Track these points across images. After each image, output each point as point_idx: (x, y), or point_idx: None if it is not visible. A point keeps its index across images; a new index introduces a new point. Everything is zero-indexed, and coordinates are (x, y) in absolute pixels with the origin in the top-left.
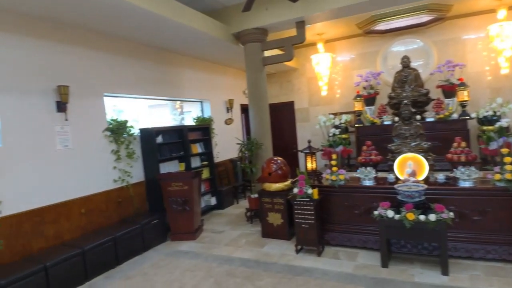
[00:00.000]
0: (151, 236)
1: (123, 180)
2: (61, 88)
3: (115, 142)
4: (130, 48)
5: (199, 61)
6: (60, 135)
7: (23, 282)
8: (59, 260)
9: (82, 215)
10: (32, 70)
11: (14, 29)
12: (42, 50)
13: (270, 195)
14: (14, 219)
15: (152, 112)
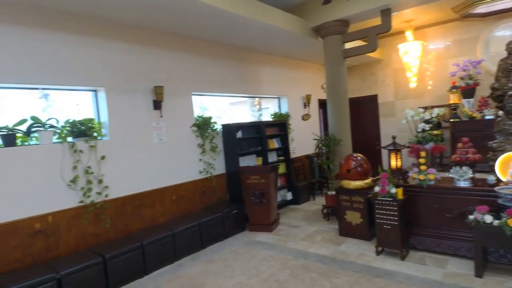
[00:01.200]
0: (231, 225)
1: (207, 172)
2: (157, 88)
3: (201, 136)
4: (215, 50)
5: (277, 58)
6: (156, 130)
7: (125, 257)
8: (154, 240)
9: (173, 201)
10: (135, 73)
11: (124, 37)
12: (144, 55)
13: (348, 193)
14: (118, 202)
15: (232, 109)
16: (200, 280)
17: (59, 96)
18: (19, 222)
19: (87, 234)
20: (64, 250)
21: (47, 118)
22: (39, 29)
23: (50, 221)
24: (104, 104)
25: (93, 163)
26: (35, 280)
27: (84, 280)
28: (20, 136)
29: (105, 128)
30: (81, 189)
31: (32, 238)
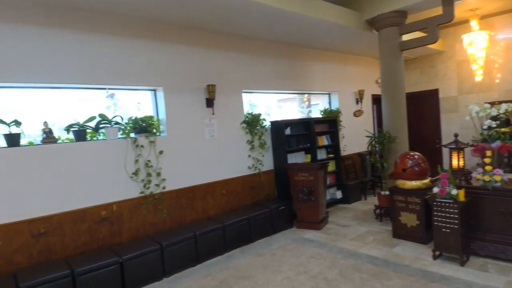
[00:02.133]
0: (278, 221)
1: (255, 168)
2: (210, 87)
3: (250, 133)
4: (264, 47)
5: (327, 53)
6: (208, 127)
7: (179, 245)
8: (205, 231)
9: (223, 195)
10: (190, 73)
11: (180, 40)
12: (198, 55)
13: (403, 193)
14: (174, 194)
15: (281, 105)
16: (249, 273)
17: (122, 96)
18: (88, 209)
19: (146, 223)
20: (126, 237)
21: (113, 116)
22: (108, 35)
23: (115, 209)
24: (162, 103)
25: (152, 157)
26: (101, 263)
27: (143, 265)
28: (90, 132)
29: (163, 125)
30: (142, 181)
31: (98, 224)
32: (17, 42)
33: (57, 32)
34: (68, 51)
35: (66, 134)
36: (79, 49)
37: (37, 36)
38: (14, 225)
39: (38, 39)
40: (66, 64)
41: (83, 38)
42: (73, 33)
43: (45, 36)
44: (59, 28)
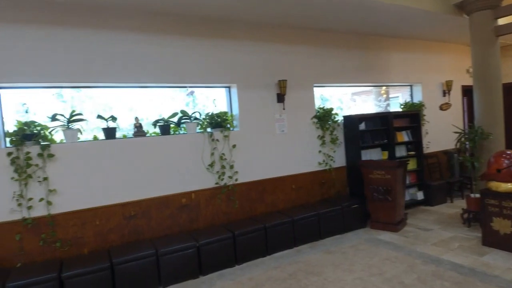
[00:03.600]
0: (350, 219)
1: (326, 164)
2: (281, 82)
3: (321, 128)
4: (337, 39)
5: (408, 41)
6: (279, 122)
7: (250, 236)
8: (275, 224)
9: (293, 190)
10: (262, 69)
11: (252, 37)
12: (270, 51)
13: (497, 197)
14: (245, 186)
15: (355, 99)
16: (319, 269)
17: (200, 93)
18: (170, 196)
19: (220, 212)
20: (202, 224)
21: (192, 112)
22: (187, 37)
23: (193, 198)
24: (235, 99)
25: (226, 150)
26: (181, 246)
27: (217, 251)
28: (173, 127)
29: (236, 120)
30: (217, 172)
31: (179, 211)
32: (113, 48)
33: (144, 37)
34: (154, 54)
35: (153, 129)
36: (163, 51)
37: (129, 41)
38: (110, 207)
39: (130, 44)
40: (153, 65)
41: (167, 41)
42: (157, 37)
43: (136, 41)
44: (144, 33)
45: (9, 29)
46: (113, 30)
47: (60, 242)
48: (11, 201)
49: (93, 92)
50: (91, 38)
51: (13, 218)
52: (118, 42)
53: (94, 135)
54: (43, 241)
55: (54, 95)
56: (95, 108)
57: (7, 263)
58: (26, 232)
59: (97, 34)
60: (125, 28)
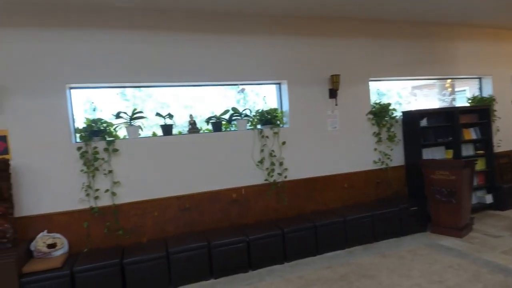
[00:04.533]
0: (408, 222)
1: (382, 162)
2: (334, 77)
3: (377, 125)
4: (395, 30)
5: (477, 30)
6: (330, 118)
7: (300, 234)
8: (326, 223)
9: (344, 189)
10: (313, 64)
11: (303, 31)
12: (321, 45)
13: None
14: (294, 183)
15: (416, 93)
16: (372, 272)
17: (251, 90)
18: (222, 191)
19: (269, 208)
20: (251, 219)
21: (243, 109)
22: (237, 36)
23: (243, 193)
24: (286, 95)
25: (276, 147)
26: (231, 239)
27: (266, 246)
28: (224, 124)
29: (286, 116)
30: (266, 169)
31: (229, 205)
32: (172, 49)
33: (200, 38)
34: (210, 54)
35: (206, 126)
36: (217, 50)
37: (187, 43)
38: (166, 199)
39: (187, 46)
40: (208, 65)
41: (222, 41)
42: (213, 37)
43: (193, 43)
44: (200, 34)
45: (79, 34)
46: (173, 32)
47: (122, 230)
48: (80, 191)
49: (152, 91)
50: (152, 40)
51: (82, 207)
52: (177, 44)
53: (153, 131)
54: (107, 229)
55: (118, 94)
56: (154, 106)
57: (76, 248)
58: (93, 220)
59: (157, 36)
60: (184, 30)
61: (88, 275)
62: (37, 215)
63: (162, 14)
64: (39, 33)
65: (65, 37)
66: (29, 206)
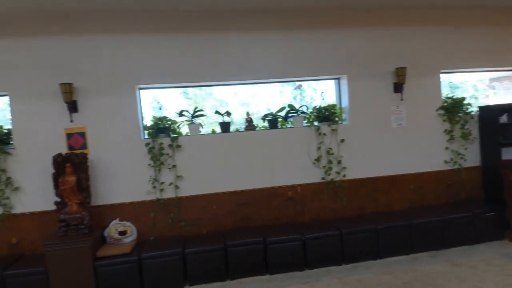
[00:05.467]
0: (483, 229)
1: (455, 163)
2: (399, 70)
3: (449, 121)
4: (469, 15)
5: None
6: (395, 114)
7: (359, 235)
8: (388, 226)
9: (410, 190)
10: (375, 57)
11: (363, 23)
12: (384, 37)
13: None
14: (354, 183)
15: (495, 86)
16: (439, 281)
17: (308, 85)
18: (278, 188)
19: (326, 207)
20: (308, 217)
21: (299, 106)
22: (296, 30)
23: (299, 191)
24: (345, 90)
25: (333, 145)
26: (287, 237)
27: (323, 246)
28: (280, 121)
29: (345, 113)
30: (323, 167)
31: (286, 203)
32: (230, 48)
33: (258, 36)
34: (267, 51)
35: (262, 123)
36: (274, 47)
37: (244, 41)
38: (224, 194)
39: (245, 44)
40: (266, 62)
41: (278, 37)
42: (270, 34)
43: (251, 41)
44: (258, 32)
45: (146, 39)
46: (231, 32)
47: (184, 222)
48: (147, 184)
49: (212, 90)
50: (212, 41)
51: (149, 198)
52: (236, 43)
53: (212, 128)
54: (171, 220)
55: (181, 93)
56: (213, 104)
57: (143, 236)
58: (159, 210)
59: (217, 36)
60: (242, 29)
61: (154, 262)
62: (111, 204)
63: (220, 15)
64: (111, 40)
65: (134, 43)
66: (104, 196)
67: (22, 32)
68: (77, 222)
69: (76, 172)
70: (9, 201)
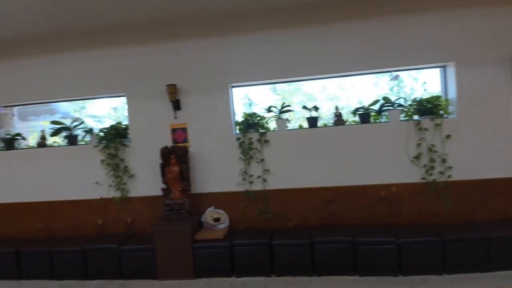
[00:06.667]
0: None
1: None
2: None
3: None
4: None
5: None
6: None
7: (465, 244)
8: (504, 236)
9: None
10: (490, 39)
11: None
12: (498, 14)
13: None
14: (462, 184)
15: None
16: None
17: (407, 75)
18: (368, 186)
19: (427, 211)
20: (404, 220)
21: (396, 98)
22: (391, 15)
23: (394, 191)
24: (452, 80)
25: (437, 141)
26: (379, 239)
27: (420, 252)
28: (373, 115)
29: (452, 105)
30: (424, 166)
31: (377, 202)
32: (321, 42)
33: (349, 26)
34: (356, 40)
35: (352, 117)
36: (365, 36)
37: (336, 33)
38: (311, 190)
39: (336, 35)
40: (355, 52)
41: (370, 25)
42: (360, 23)
43: (340, 32)
44: (349, 21)
45: (235, 40)
46: (319, 25)
47: (272, 214)
48: (238, 176)
49: (301, 84)
50: (300, 36)
51: (240, 189)
52: (325, 36)
53: (300, 124)
54: (259, 211)
55: (270, 89)
56: (301, 99)
57: (234, 224)
58: (248, 202)
59: (305, 31)
60: (332, 20)
61: (244, 249)
62: (207, 193)
63: (310, 9)
64: (208, 43)
65: (225, 44)
66: (201, 185)
67: (135, 40)
68: (179, 207)
69: (179, 163)
70: (126, 186)
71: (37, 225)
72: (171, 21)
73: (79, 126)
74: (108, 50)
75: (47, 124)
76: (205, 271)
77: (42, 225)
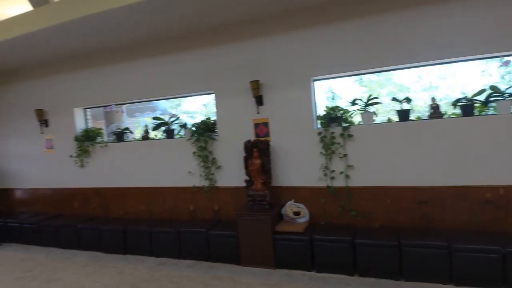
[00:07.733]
0: None
1: None
2: None
3: None
4: None
5: None
6: None
7: None
8: None
9: None
10: None
11: None
12: None
13: None
14: None
15: None
16: None
17: None
18: (470, 188)
19: None
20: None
21: (507, 87)
22: None
23: (502, 193)
24: None
25: None
26: (480, 247)
27: None
28: (478, 106)
29: None
30: None
31: (480, 206)
32: (412, 25)
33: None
34: (457, 22)
35: (452, 109)
36: (468, 17)
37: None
38: (400, 189)
39: (433, 18)
40: (457, 36)
41: (478, 3)
42: None
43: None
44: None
45: (319, 32)
46: (411, 7)
47: (355, 212)
48: (319, 171)
49: (392, 75)
50: (392, 20)
51: (320, 184)
52: (420, 18)
53: (388, 117)
54: (341, 208)
55: (355, 81)
56: (391, 90)
57: (314, 219)
58: (329, 197)
59: (400, 15)
60: (428, 2)
61: (324, 245)
62: (287, 186)
63: None
64: (288, 37)
65: (307, 37)
66: (281, 178)
67: (222, 41)
68: (260, 198)
69: (261, 156)
70: (214, 176)
71: (141, 207)
72: (255, 20)
73: (176, 121)
74: (199, 52)
75: (149, 120)
76: (285, 263)
77: (145, 207)
